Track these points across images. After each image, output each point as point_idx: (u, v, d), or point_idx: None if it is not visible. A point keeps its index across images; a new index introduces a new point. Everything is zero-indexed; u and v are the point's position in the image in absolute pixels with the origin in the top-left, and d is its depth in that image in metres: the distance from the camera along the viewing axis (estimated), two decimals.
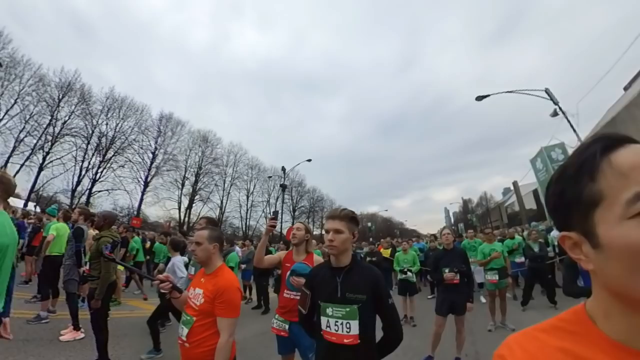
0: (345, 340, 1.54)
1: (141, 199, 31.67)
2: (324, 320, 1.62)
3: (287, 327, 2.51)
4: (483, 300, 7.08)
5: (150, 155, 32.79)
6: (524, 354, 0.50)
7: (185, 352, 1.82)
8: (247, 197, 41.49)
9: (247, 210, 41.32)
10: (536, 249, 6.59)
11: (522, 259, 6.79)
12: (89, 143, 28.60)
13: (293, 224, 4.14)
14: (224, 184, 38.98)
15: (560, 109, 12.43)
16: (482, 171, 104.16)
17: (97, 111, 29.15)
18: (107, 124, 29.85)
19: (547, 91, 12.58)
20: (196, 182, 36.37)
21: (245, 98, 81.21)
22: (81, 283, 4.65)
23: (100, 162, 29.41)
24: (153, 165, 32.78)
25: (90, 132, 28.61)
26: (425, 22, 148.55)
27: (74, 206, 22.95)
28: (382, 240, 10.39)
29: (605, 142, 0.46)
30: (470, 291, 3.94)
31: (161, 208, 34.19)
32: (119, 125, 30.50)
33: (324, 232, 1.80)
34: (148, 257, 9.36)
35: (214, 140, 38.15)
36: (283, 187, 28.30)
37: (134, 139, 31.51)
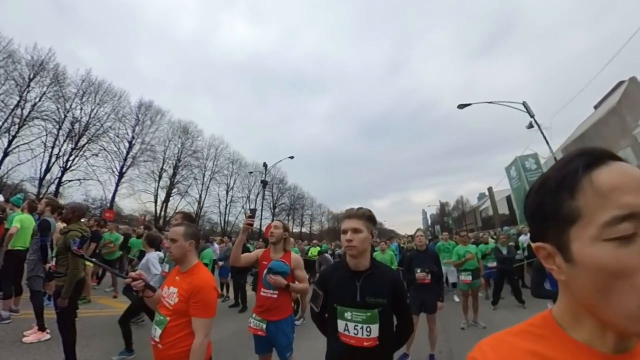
0: (365, 343, 1.52)
1: (115, 191, 30.37)
2: (341, 323, 1.58)
3: (264, 326, 2.50)
4: (456, 299, 7.36)
5: (127, 145, 31.42)
6: (495, 356, 0.51)
7: (158, 353, 1.76)
8: (227, 192, 40.90)
9: (227, 205, 40.75)
10: (505, 251, 6.94)
11: (494, 264, 7.09)
12: (60, 128, 26.76)
13: (273, 220, 4.12)
14: (204, 177, 38.17)
15: (535, 121, 13.16)
16: (460, 176, 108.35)
17: (71, 94, 27.26)
18: (81, 109, 28.10)
19: (524, 104, 13.29)
20: (174, 174, 35.24)
21: (232, 92, 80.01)
22: (47, 280, 4.39)
23: (72, 149, 27.65)
24: (129, 155, 31.41)
25: (63, 116, 26.77)
26: (416, 31, 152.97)
27: (41, 196, 21.63)
28: None
29: (588, 158, 0.46)
30: (440, 291, 4.08)
31: (136, 201, 32.86)
32: (94, 110, 28.84)
33: (341, 232, 1.65)
34: (121, 252, 9.04)
35: (195, 132, 37.13)
36: (264, 183, 28.03)
37: (110, 127, 29.97)
